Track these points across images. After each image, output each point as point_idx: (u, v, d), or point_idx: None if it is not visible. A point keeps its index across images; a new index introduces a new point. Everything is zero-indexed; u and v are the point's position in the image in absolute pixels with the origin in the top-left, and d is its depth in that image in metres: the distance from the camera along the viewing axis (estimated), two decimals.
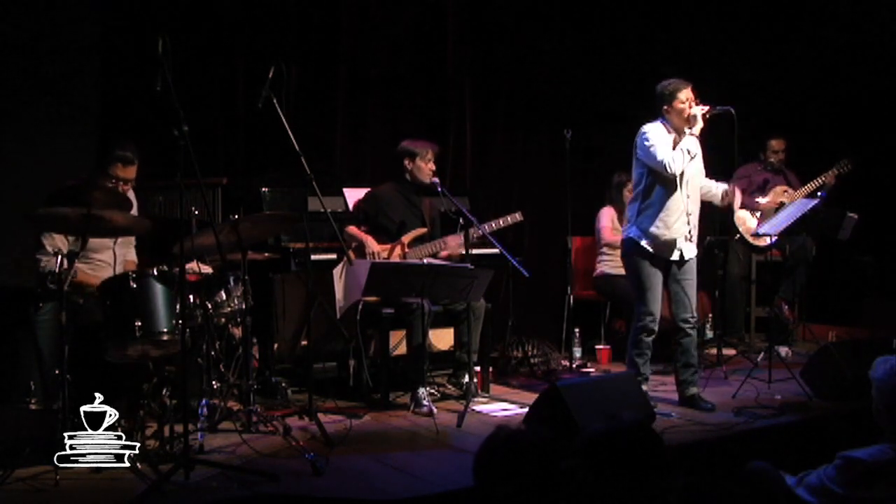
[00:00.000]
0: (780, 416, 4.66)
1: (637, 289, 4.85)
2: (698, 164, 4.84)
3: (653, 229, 4.74)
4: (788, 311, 6.75)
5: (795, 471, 3.21)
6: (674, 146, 4.68)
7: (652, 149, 4.67)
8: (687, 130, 4.70)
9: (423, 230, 5.38)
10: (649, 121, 4.80)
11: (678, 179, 4.70)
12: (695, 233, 4.84)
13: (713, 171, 4.99)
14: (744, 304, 6.82)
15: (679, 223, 4.74)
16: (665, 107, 4.76)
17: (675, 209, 4.73)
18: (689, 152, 4.65)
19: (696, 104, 4.73)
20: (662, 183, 4.72)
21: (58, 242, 4.28)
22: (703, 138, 4.78)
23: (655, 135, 4.71)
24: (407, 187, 5.39)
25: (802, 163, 6.89)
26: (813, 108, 7.49)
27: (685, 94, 4.73)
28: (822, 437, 4.50)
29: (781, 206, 6.32)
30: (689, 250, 4.83)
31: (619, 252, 5.29)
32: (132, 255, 4.71)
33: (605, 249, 6.30)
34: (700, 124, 4.68)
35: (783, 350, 6.10)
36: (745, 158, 6.99)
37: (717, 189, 4.93)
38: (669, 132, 4.75)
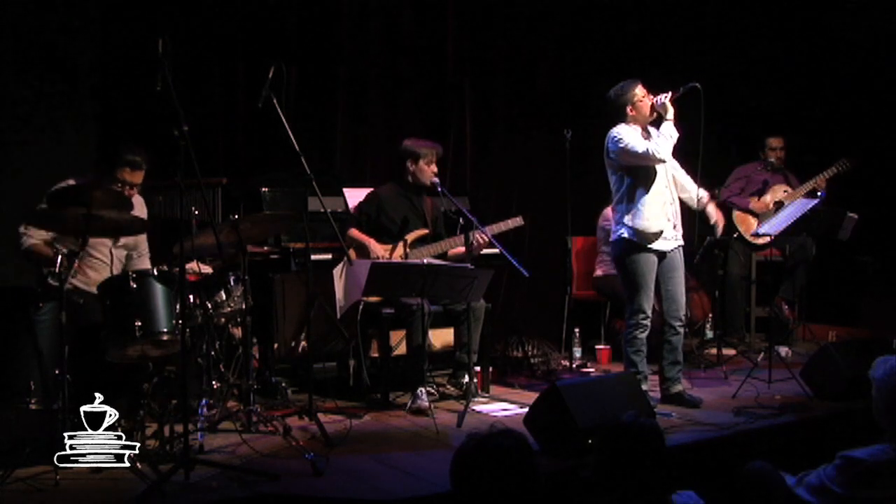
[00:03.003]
0: (780, 416, 4.65)
1: (630, 287, 4.86)
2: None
3: (641, 223, 4.75)
4: (788, 311, 6.74)
5: (795, 471, 3.21)
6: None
7: (630, 145, 4.69)
8: (667, 118, 4.73)
9: (425, 231, 5.37)
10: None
11: (656, 172, 4.75)
12: (678, 222, 4.89)
13: (681, 150, 4.95)
14: (744, 304, 6.81)
15: (663, 213, 4.79)
16: (627, 108, 4.80)
17: (659, 200, 4.78)
18: (671, 136, 4.70)
19: (649, 97, 4.80)
20: (643, 179, 4.76)
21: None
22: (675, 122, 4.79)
23: (626, 132, 4.75)
24: (408, 188, 5.37)
25: (802, 163, 6.88)
26: (812, 108, 7.48)
27: (640, 90, 4.81)
28: (822, 437, 4.49)
29: (780, 205, 6.32)
30: (676, 240, 4.87)
31: None
32: (145, 264, 4.67)
33: (606, 248, 6.24)
34: (671, 109, 4.73)
35: (783, 350, 6.10)
36: (745, 159, 7.01)
37: (694, 192, 4.94)
38: (637, 130, 4.81)
